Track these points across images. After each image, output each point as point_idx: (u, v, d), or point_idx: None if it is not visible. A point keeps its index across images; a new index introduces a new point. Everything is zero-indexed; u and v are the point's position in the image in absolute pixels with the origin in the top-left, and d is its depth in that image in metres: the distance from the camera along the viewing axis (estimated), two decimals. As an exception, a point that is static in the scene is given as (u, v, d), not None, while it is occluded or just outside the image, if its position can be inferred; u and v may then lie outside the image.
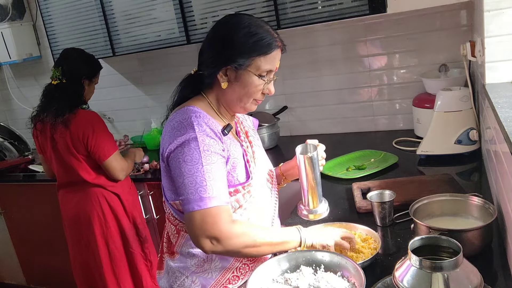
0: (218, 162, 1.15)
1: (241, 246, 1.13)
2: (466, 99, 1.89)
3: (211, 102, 1.28)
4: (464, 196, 1.34)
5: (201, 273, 1.26)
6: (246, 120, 1.48)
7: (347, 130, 2.67)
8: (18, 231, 3.18)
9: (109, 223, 2.25)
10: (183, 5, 2.49)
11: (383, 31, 2.43)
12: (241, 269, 1.28)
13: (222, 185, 1.15)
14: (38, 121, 2.19)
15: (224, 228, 1.11)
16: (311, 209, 1.32)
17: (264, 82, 1.23)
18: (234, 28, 1.21)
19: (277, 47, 1.23)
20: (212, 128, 1.18)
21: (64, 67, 2.15)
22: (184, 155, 1.13)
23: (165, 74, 3.06)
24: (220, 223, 1.10)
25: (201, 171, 1.11)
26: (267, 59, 1.21)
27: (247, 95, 1.24)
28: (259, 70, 1.21)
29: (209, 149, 1.14)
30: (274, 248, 1.19)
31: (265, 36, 1.20)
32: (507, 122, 1.01)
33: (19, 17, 3.28)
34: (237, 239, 1.13)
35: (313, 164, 1.25)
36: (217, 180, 1.13)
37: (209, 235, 1.10)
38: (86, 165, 2.18)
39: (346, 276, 1.09)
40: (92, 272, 2.31)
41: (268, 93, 1.27)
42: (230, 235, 1.11)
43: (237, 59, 1.19)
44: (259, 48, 1.19)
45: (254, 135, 1.44)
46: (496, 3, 1.39)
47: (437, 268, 0.89)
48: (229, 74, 1.21)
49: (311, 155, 1.25)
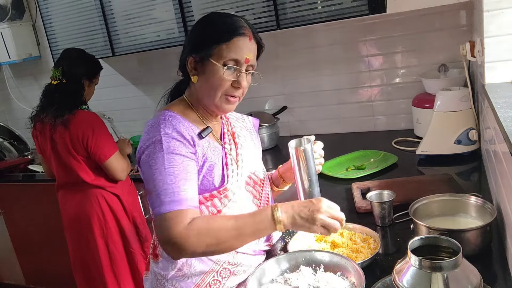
0: (183, 164, 1.11)
1: (203, 245, 1.05)
2: (465, 99, 1.89)
3: (192, 103, 1.26)
4: (463, 196, 1.34)
5: (181, 277, 1.23)
6: (243, 120, 1.45)
7: (347, 130, 2.67)
8: (17, 231, 3.18)
9: (109, 223, 2.24)
10: (183, 5, 2.49)
11: (382, 31, 2.43)
12: (221, 273, 1.23)
13: (186, 188, 1.10)
14: (38, 121, 2.19)
15: (177, 231, 1.04)
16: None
17: (231, 73, 1.17)
18: (201, 20, 1.22)
19: (243, 35, 1.16)
20: (180, 130, 1.15)
21: (65, 67, 2.15)
22: (149, 158, 1.12)
23: (165, 74, 3.05)
24: (174, 227, 1.04)
25: (163, 174, 1.09)
26: (229, 47, 1.15)
27: (213, 88, 1.18)
28: (221, 58, 1.15)
29: (173, 151, 1.11)
30: (245, 240, 1.10)
31: (228, 24, 1.17)
32: (507, 122, 1.01)
33: (18, 17, 3.28)
34: (195, 239, 1.04)
35: (307, 159, 1.19)
36: (179, 183, 1.09)
37: (166, 240, 1.05)
38: (86, 166, 2.17)
39: (346, 276, 1.09)
40: (92, 272, 2.31)
41: (239, 86, 1.19)
42: (185, 238, 1.04)
43: (198, 48, 1.17)
44: (219, 35, 1.16)
45: (247, 136, 1.39)
46: (496, 3, 1.39)
47: (437, 268, 0.89)
48: (196, 67, 1.20)
49: (303, 148, 1.19)
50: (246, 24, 1.20)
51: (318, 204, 1.07)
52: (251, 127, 1.46)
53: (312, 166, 1.20)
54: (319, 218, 1.06)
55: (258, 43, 1.22)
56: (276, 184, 1.48)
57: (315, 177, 1.22)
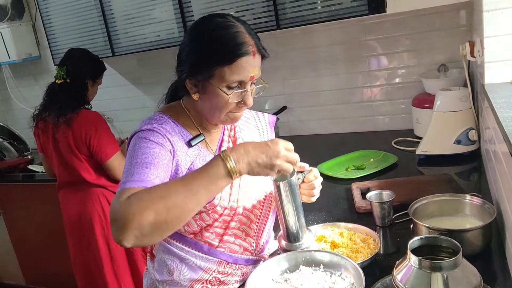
0: (154, 149, 1.03)
1: (149, 212, 0.86)
2: (465, 99, 1.89)
3: (189, 110, 1.18)
4: (463, 196, 1.34)
5: (171, 282, 1.21)
6: (256, 118, 1.34)
7: (347, 130, 2.67)
8: (17, 231, 3.18)
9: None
10: (183, 5, 2.49)
11: (382, 31, 2.43)
12: (211, 281, 1.20)
13: (144, 171, 0.98)
14: (40, 120, 2.19)
15: (118, 203, 0.89)
16: (291, 244, 1.17)
17: (236, 95, 1.07)
18: (198, 34, 1.09)
19: (246, 54, 1.04)
20: (165, 128, 1.09)
21: (69, 67, 2.16)
22: (128, 150, 1.07)
23: (165, 74, 3.03)
24: (115, 200, 0.91)
25: (131, 158, 1.01)
26: (232, 69, 1.04)
27: (217, 109, 1.09)
28: (224, 81, 1.05)
29: (147, 138, 1.05)
30: (199, 199, 0.92)
31: (229, 42, 1.03)
32: (506, 122, 1.01)
33: (18, 17, 3.27)
34: (136, 206, 0.87)
35: (288, 192, 1.10)
36: (142, 165, 0.98)
37: (110, 218, 0.89)
38: (88, 165, 2.18)
39: (346, 276, 1.09)
40: (93, 272, 2.31)
41: (244, 105, 1.10)
42: (125, 207, 0.87)
43: (198, 70, 1.06)
44: (221, 57, 1.03)
45: (256, 139, 1.28)
46: (495, 3, 1.39)
47: (437, 268, 0.89)
48: (197, 85, 1.10)
49: (278, 183, 1.09)
50: (248, 34, 1.07)
51: (275, 148, 0.96)
52: (266, 126, 1.35)
53: (295, 199, 1.13)
54: (277, 164, 0.96)
55: (262, 55, 1.11)
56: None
57: (299, 208, 1.14)
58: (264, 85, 1.17)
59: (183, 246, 1.18)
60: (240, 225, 1.22)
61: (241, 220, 1.22)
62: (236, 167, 0.93)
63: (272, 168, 0.97)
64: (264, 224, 1.28)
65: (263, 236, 1.30)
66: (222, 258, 1.19)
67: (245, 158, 0.95)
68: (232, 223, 1.20)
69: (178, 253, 1.18)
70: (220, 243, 1.19)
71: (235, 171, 0.93)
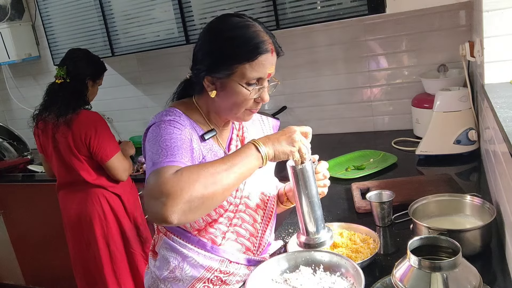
0: (180, 135, 1.06)
1: (199, 184, 0.90)
2: (465, 99, 1.89)
3: (201, 107, 1.21)
4: (463, 196, 1.34)
5: (172, 279, 1.22)
6: (261, 122, 1.39)
7: (346, 130, 2.67)
8: (17, 231, 3.18)
9: (110, 223, 2.25)
10: (182, 5, 2.49)
11: (382, 31, 2.43)
12: (213, 280, 1.20)
13: (179, 153, 1.02)
14: (40, 120, 2.19)
15: (165, 177, 0.91)
16: (309, 237, 1.15)
17: (255, 91, 1.12)
18: (216, 33, 1.12)
19: (266, 52, 1.09)
20: (182, 121, 1.12)
21: (69, 67, 2.16)
22: (147, 138, 1.09)
23: (164, 74, 3.06)
24: (161, 175, 0.92)
25: (159, 142, 1.03)
26: (253, 66, 1.09)
27: (236, 105, 1.14)
28: (245, 78, 1.09)
29: (171, 125, 1.08)
30: (236, 177, 0.97)
31: (250, 40, 1.08)
32: (506, 122, 1.01)
33: (18, 17, 3.27)
34: (187, 179, 0.90)
35: (305, 179, 1.10)
36: (173, 147, 1.02)
37: (156, 193, 0.90)
38: (87, 165, 2.17)
39: (345, 276, 1.09)
40: (93, 273, 2.31)
41: (261, 101, 1.16)
42: (175, 181, 0.90)
43: (218, 68, 1.10)
44: (242, 54, 1.08)
45: None
46: (495, 3, 1.39)
47: (436, 268, 0.89)
48: (215, 82, 1.13)
49: (300, 167, 1.09)
50: (266, 33, 1.12)
51: (291, 128, 1.07)
52: (270, 129, 1.40)
53: (312, 187, 1.11)
54: (297, 140, 1.04)
55: (278, 53, 1.17)
56: (281, 200, 1.40)
57: (315, 198, 1.12)
58: (277, 83, 1.21)
59: (186, 243, 1.19)
60: (242, 223, 1.24)
61: (244, 219, 1.24)
62: (266, 151, 1.01)
63: (293, 144, 1.04)
64: (266, 225, 1.31)
65: (265, 237, 1.31)
66: (224, 256, 1.20)
67: (269, 142, 1.03)
68: (235, 220, 1.22)
69: (181, 250, 1.19)
70: (223, 240, 1.21)
71: (266, 153, 1.01)
